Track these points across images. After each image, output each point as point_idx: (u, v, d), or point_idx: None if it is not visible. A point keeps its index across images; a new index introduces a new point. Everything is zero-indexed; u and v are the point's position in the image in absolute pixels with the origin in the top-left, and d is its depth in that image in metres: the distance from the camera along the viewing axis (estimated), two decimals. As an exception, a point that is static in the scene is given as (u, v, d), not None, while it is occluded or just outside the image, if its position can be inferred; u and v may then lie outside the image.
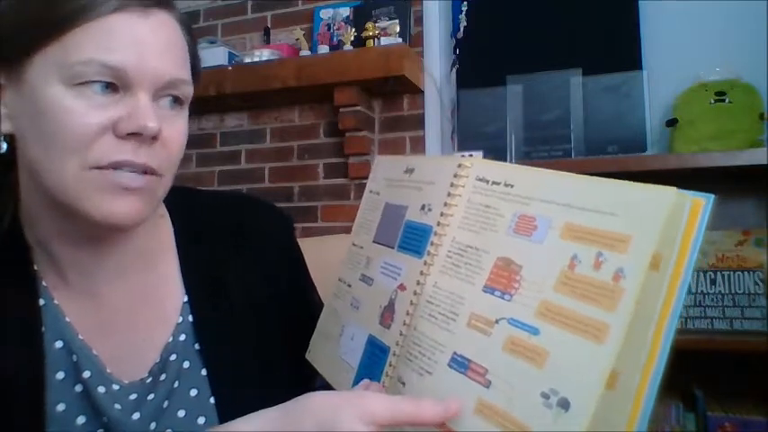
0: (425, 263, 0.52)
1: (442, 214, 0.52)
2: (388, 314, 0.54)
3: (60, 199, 0.54)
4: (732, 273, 1.36)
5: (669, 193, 0.38)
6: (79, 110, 0.51)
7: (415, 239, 0.54)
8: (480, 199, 0.50)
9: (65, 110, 0.51)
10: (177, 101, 0.57)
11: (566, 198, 0.44)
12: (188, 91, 0.58)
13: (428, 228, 0.53)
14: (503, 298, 0.44)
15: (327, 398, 0.45)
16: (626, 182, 0.41)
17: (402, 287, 0.54)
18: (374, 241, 0.61)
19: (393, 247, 0.57)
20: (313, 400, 0.45)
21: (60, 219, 0.57)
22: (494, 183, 0.50)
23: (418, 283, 0.52)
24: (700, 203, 0.38)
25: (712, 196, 0.37)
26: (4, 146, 0.56)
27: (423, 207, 0.55)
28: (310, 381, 0.68)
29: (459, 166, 0.53)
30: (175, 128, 0.57)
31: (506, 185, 0.48)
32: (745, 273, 1.35)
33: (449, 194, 0.52)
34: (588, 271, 0.40)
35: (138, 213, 0.55)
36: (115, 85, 0.52)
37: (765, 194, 1.44)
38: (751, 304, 1.34)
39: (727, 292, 1.36)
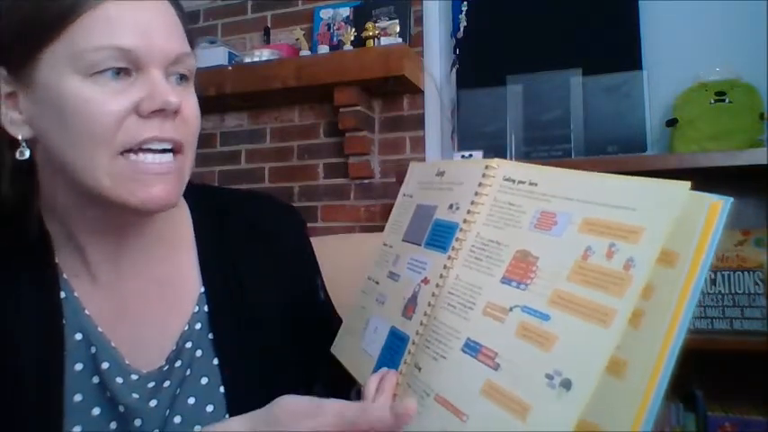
0: (449, 257, 0.54)
1: (468, 212, 0.54)
2: (411, 306, 0.56)
3: (95, 191, 0.55)
4: (732, 273, 1.36)
5: (681, 186, 0.39)
6: (99, 98, 0.52)
7: (441, 236, 0.56)
8: (505, 197, 0.52)
9: (85, 101, 0.52)
10: (184, 76, 0.59)
11: (585, 195, 0.45)
12: (192, 64, 0.60)
13: (455, 225, 0.55)
14: (518, 287, 0.46)
15: (293, 404, 0.46)
16: (642, 177, 0.43)
17: (426, 281, 0.56)
18: (403, 240, 0.63)
19: (420, 244, 0.59)
20: (279, 409, 0.46)
21: (91, 211, 0.58)
22: (519, 182, 0.52)
23: (441, 276, 0.54)
24: (718, 205, 0.39)
25: (731, 199, 0.39)
26: (28, 152, 0.57)
27: (451, 206, 0.57)
28: (317, 375, 0.69)
29: (487, 167, 0.55)
30: (190, 102, 0.59)
31: (531, 184, 0.51)
32: (745, 273, 1.35)
33: (476, 193, 0.55)
34: (601, 260, 0.42)
35: (172, 195, 0.57)
36: (128, 68, 0.53)
37: (765, 194, 1.44)
38: (751, 304, 1.34)
39: (727, 292, 1.36)
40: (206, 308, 0.65)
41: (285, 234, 0.74)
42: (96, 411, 0.58)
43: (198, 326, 0.64)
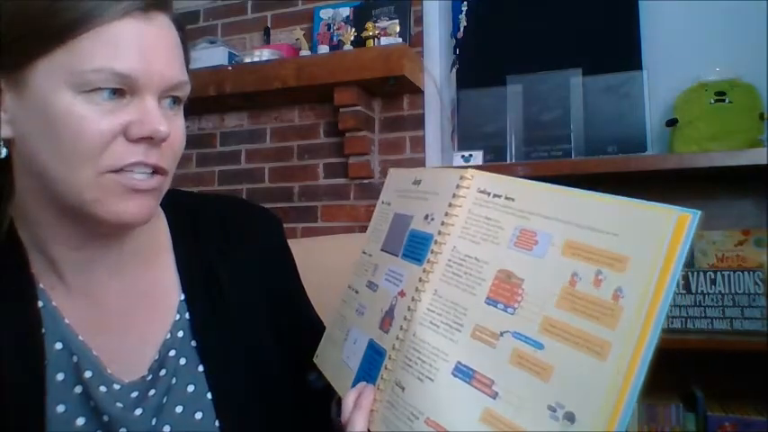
0: (424, 270, 0.53)
1: (443, 223, 0.53)
2: (387, 319, 0.55)
3: (72, 203, 0.54)
4: (732, 273, 1.36)
5: (668, 214, 0.39)
6: (91, 116, 0.52)
7: (416, 247, 0.56)
8: (481, 211, 0.51)
9: (77, 117, 0.52)
10: (177, 101, 0.59)
11: (566, 215, 0.45)
12: (188, 90, 0.60)
13: (429, 236, 0.54)
14: (506, 311, 0.46)
15: None
16: (626, 200, 0.42)
17: (402, 293, 0.55)
18: (382, 249, 0.62)
19: (398, 255, 0.58)
20: None
21: (63, 221, 0.58)
22: (495, 195, 0.51)
23: (417, 289, 0.53)
24: (686, 218, 0.38)
25: (699, 212, 0.38)
26: (5, 151, 0.56)
27: (426, 217, 0.56)
28: (303, 376, 0.69)
29: (461, 177, 0.54)
30: (177, 127, 0.59)
31: (507, 199, 0.50)
32: (745, 273, 1.35)
33: (450, 205, 0.54)
34: (588, 288, 0.41)
35: (148, 212, 0.57)
36: (122, 89, 0.53)
37: (765, 194, 1.44)
38: (751, 304, 1.34)
39: (727, 292, 1.36)
40: (187, 315, 0.65)
41: (262, 235, 0.74)
42: (80, 422, 0.57)
43: (180, 333, 0.64)
